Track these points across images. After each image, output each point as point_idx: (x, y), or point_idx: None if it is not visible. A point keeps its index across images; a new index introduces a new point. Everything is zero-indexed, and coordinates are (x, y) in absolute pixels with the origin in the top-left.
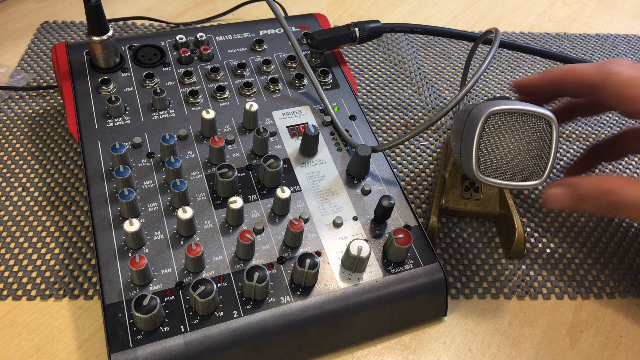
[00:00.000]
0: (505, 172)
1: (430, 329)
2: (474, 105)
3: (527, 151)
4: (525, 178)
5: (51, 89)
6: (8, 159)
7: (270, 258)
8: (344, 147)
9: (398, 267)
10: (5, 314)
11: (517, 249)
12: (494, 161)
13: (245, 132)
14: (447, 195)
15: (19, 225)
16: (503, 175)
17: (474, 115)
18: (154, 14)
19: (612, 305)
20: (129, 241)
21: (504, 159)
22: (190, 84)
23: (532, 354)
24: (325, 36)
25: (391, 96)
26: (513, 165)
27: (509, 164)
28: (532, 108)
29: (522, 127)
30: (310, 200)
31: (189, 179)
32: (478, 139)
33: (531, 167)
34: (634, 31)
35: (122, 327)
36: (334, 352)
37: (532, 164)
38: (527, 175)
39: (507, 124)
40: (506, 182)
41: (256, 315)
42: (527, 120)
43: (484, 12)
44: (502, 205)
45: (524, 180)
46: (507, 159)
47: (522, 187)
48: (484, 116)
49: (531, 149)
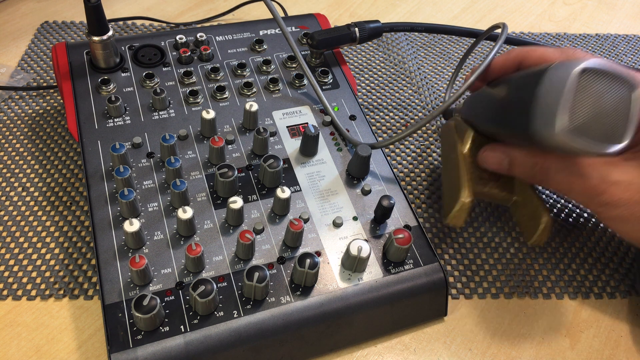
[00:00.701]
0: (590, 134)
1: (430, 329)
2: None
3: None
4: (607, 141)
5: (51, 89)
6: (8, 159)
7: (270, 258)
8: (344, 146)
9: (398, 267)
10: (5, 314)
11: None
12: (582, 120)
13: (245, 132)
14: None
15: (19, 225)
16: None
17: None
18: (154, 14)
19: (612, 305)
20: (129, 241)
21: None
22: (190, 84)
23: (532, 354)
24: (325, 36)
25: (391, 96)
26: (598, 128)
27: (594, 126)
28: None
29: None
30: (310, 200)
31: (189, 179)
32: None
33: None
34: (634, 31)
35: (122, 327)
36: (334, 352)
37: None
38: (609, 138)
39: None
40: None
41: (256, 315)
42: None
43: (484, 12)
44: (521, 190)
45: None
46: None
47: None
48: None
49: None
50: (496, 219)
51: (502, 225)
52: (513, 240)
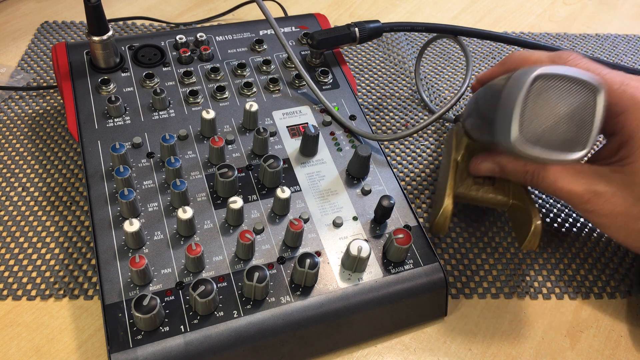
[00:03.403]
0: (547, 142)
1: (430, 329)
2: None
3: (571, 121)
4: (566, 149)
5: (51, 89)
6: (8, 159)
7: (270, 258)
8: (348, 143)
9: (398, 267)
10: (5, 314)
11: (533, 241)
12: (537, 129)
13: (245, 132)
14: (460, 180)
15: (19, 225)
16: (544, 145)
17: (517, 78)
18: (154, 14)
19: (612, 305)
20: (129, 241)
21: (547, 128)
22: (190, 84)
23: (532, 354)
24: (325, 36)
25: (391, 96)
26: (555, 135)
27: (551, 134)
28: (581, 74)
29: (569, 93)
30: (310, 200)
31: (189, 179)
32: (523, 102)
33: (573, 138)
34: (634, 31)
35: (122, 327)
36: (334, 352)
37: (575, 135)
38: (569, 146)
39: (553, 88)
40: (547, 153)
41: (256, 315)
42: (575, 87)
43: (484, 12)
44: (516, 195)
45: (566, 151)
46: (550, 127)
47: (563, 161)
48: (532, 77)
49: (575, 119)
50: (496, 219)
51: (502, 225)
52: (513, 240)
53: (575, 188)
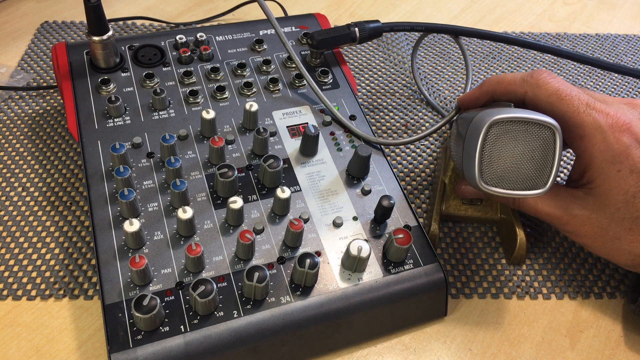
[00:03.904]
0: (509, 182)
1: (430, 329)
2: (475, 112)
3: (531, 160)
4: (528, 187)
5: (51, 89)
6: (8, 159)
7: (270, 258)
8: (348, 143)
9: (398, 267)
10: (5, 314)
11: (519, 256)
12: (497, 170)
13: (245, 132)
14: (448, 201)
15: (19, 225)
16: (506, 185)
17: (476, 124)
18: (154, 14)
19: (612, 305)
20: (129, 241)
21: (507, 168)
22: (190, 84)
23: (532, 354)
24: (325, 36)
25: (391, 96)
26: (516, 174)
27: (512, 173)
28: (536, 116)
29: (525, 135)
30: (310, 200)
31: (189, 179)
32: (481, 148)
33: (535, 175)
34: (634, 31)
35: (122, 327)
36: (334, 352)
37: (536, 172)
38: (531, 184)
39: (510, 132)
40: (509, 191)
41: (256, 315)
42: (530, 129)
43: (484, 12)
44: (503, 211)
45: (528, 189)
46: (510, 168)
47: (525, 197)
48: (487, 125)
49: (534, 158)
50: None
51: None
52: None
53: (554, 211)
